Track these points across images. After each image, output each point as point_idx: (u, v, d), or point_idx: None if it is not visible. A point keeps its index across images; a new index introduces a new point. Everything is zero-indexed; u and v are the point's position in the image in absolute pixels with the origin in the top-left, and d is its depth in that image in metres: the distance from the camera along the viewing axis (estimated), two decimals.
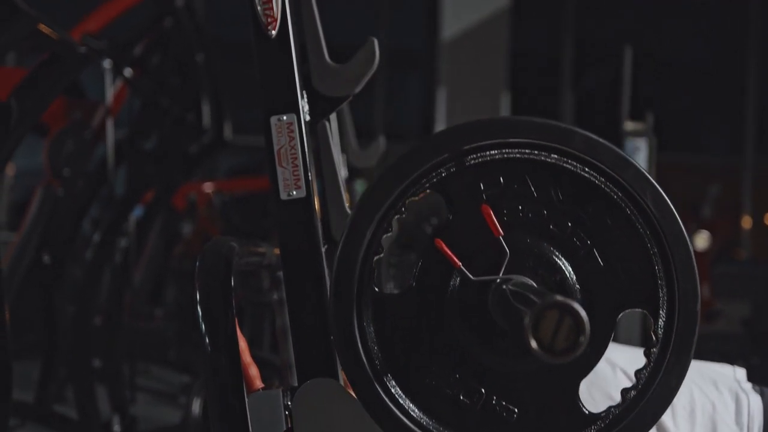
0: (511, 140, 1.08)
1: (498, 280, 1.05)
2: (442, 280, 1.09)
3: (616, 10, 10.27)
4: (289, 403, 1.20)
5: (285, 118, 1.19)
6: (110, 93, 3.61)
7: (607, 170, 1.08)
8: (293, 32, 1.19)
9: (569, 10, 9.82)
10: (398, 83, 10.33)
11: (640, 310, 1.09)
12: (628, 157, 1.08)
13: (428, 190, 1.09)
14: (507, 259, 1.06)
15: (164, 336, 5.20)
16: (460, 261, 1.07)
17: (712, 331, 6.60)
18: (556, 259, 1.08)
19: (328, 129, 1.28)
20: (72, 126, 3.42)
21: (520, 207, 1.09)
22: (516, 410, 1.09)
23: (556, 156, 1.09)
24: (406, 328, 1.11)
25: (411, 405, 1.10)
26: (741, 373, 1.71)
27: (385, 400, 1.10)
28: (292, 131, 1.19)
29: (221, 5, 8.81)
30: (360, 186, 2.56)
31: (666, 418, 1.58)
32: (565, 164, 1.09)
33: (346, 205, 1.24)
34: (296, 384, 1.20)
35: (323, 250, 1.21)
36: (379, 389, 1.10)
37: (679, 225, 1.08)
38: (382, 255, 1.11)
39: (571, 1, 9.82)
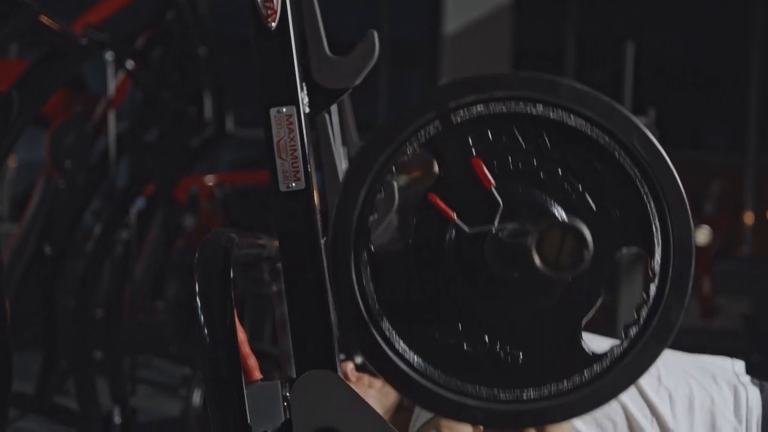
0: (497, 94, 1.10)
1: (493, 230, 1.08)
2: (439, 235, 1.11)
3: (619, 7, 10.25)
4: (288, 394, 1.21)
5: (285, 110, 1.19)
6: (112, 85, 3.61)
7: (594, 117, 1.10)
8: (293, 24, 1.20)
9: (572, 6, 9.80)
10: (400, 78, 10.32)
11: (636, 248, 1.11)
12: (613, 102, 1.10)
13: (417, 150, 1.11)
14: (500, 209, 1.08)
15: (165, 328, 5.21)
16: (455, 215, 1.09)
17: (713, 327, 6.61)
18: (549, 205, 1.10)
19: (328, 121, 1.29)
20: (73, 118, 3.42)
21: (509, 158, 1.11)
22: (520, 354, 1.11)
23: (542, 107, 1.11)
24: (406, 284, 1.12)
25: (418, 359, 1.12)
26: (740, 366, 1.72)
27: (391, 357, 1.12)
28: (292, 123, 1.19)
29: (222, 2, 8.81)
30: None
31: (665, 410, 1.59)
32: (551, 114, 1.11)
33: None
34: (295, 375, 1.21)
35: (322, 241, 1.21)
36: (384, 346, 1.12)
37: (668, 164, 1.10)
38: (376, 215, 1.12)
39: None
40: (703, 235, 3.97)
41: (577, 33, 9.86)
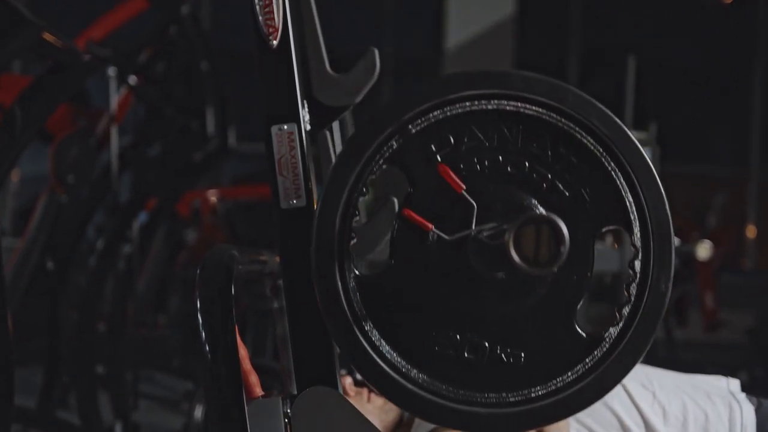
0: (449, 97, 1.10)
1: (472, 234, 1.07)
2: (419, 247, 1.11)
3: (622, 19, 10.27)
4: (289, 410, 1.21)
5: (286, 127, 1.20)
6: (115, 100, 3.61)
7: (549, 102, 1.10)
8: (294, 42, 1.20)
9: (574, 18, 9.82)
10: (404, 91, 10.33)
11: (614, 227, 1.11)
12: (565, 84, 1.11)
13: (384, 166, 1.11)
14: (475, 210, 1.08)
15: (168, 343, 5.20)
16: (432, 225, 1.09)
17: (717, 341, 6.59)
18: (522, 199, 1.10)
19: (329, 138, 1.29)
20: (76, 133, 3.42)
21: (475, 158, 1.11)
22: (522, 354, 1.11)
23: (496, 101, 1.11)
24: (396, 301, 1.12)
25: (422, 376, 1.12)
26: (735, 384, 1.72)
27: (390, 374, 1.11)
28: (293, 141, 1.19)
29: (226, 14, 8.83)
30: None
31: (658, 424, 1.59)
32: (507, 107, 1.11)
33: None
34: (296, 392, 1.21)
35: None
36: (382, 364, 1.11)
37: (630, 137, 1.10)
38: (354, 241, 1.12)
39: (576, 9, 9.82)
40: (705, 250, 3.96)
41: (579, 45, 9.88)
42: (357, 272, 1.12)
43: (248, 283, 3.12)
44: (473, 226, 1.08)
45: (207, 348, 1.17)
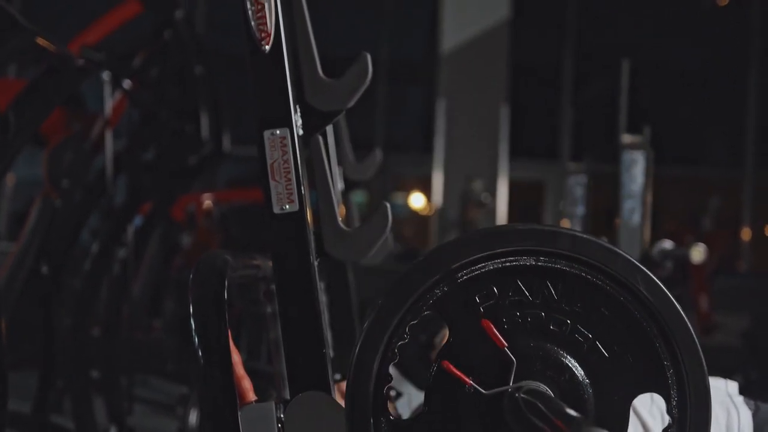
0: (499, 250, 1.10)
1: (510, 390, 1.06)
2: (455, 399, 1.10)
3: (616, 22, 10.29)
4: (282, 415, 1.21)
5: (278, 132, 1.20)
6: (109, 104, 3.61)
7: (596, 264, 1.09)
8: (287, 47, 1.20)
9: (569, 22, 9.84)
10: (398, 95, 10.35)
11: (651, 392, 1.10)
12: (614, 248, 1.10)
13: (427, 312, 1.10)
14: (514, 366, 1.07)
15: (162, 347, 5.20)
16: (469, 377, 1.08)
17: (711, 344, 6.60)
18: (562, 357, 1.09)
19: (321, 143, 1.29)
20: (71, 137, 3.42)
21: (517, 314, 1.10)
22: None
23: (544, 258, 1.10)
24: None
25: None
26: (733, 386, 1.72)
27: None
28: (285, 145, 1.19)
29: (221, 14, 8.83)
30: (356, 197, 2.56)
31: (656, 428, 1.59)
32: (555, 264, 1.10)
33: (339, 219, 1.24)
34: (289, 397, 1.21)
35: (315, 263, 1.22)
36: None
37: (674, 304, 1.08)
38: (392, 383, 1.11)
39: (571, 13, 9.84)
40: (699, 253, 3.97)
41: (574, 47, 9.89)
42: (392, 416, 1.11)
43: (242, 287, 3.11)
44: (511, 383, 1.07)
45: (200, 353, 1.17)
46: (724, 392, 1.70)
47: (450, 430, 1.10)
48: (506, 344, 1.08)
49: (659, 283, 1.09)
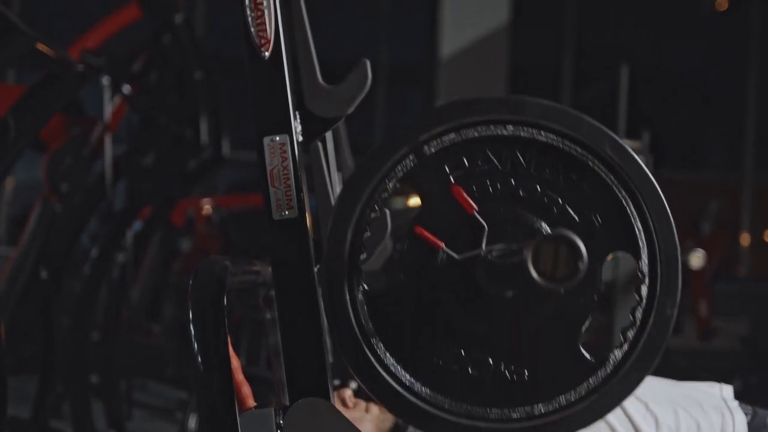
0: (466, 121, 1.13)
1: (482, 253, 1.09)
2: (428, 265, 1.13)
3: (616, 25, 10.31)
4: (281, 421, 1.21)
5: (278, 138, 1.20)
6: (109, 109, 3.62)
7: (564, 130, 1.12)
8: (286, 54, 1.20)
9: (568, 25, 9.85)
10: (398, 98, 10.35)
11: (622, 252, 1.13)
12: (580, 114, 1.13)
13: (398, 185, 1.14)
14: (486, 231, 1.10)
15: (161, 351, 5.20)
16: (443, 243, 1.11)
17: (711, 349, 6.59)
18: (532, 222, 1.13)
19: (320, 149, 1.29)
20: (70, 142, 3.43)
21: (488, 181, 1.13)
22: (526, 372, 1.12)
23: (512, 127, 1.13)
24: (403, 317, 1.13)
25: (425, 389, 1.12)
26: (728, 391, 1.73)
27: (394, 387, 1.12)
28: (285, 152, 1.19)
29: (220, 18, 8.84)
30: None
31: None
32: (522, 133, 1.13)
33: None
34: (288, 403, 1.21)
35: (315, 270, 1.22)
36: (387, 377, 1.12)
37: (641, 166, 1.12)
38: (365, 255, 1.14)
39: (570, 16, 9.85)
40: (698, 259, 3.97)
41: (573, 50, 9.90)
42: (366, 287, 1.13)
43: (241, 293, 3.12)
44: (483, 246, 1.09)
45: (199, 360, 1.17)
46: (719, 397, 1.71)
47: (424, 296, 1.13)
48: (476, 208, 1.10)
49: (626, 146, 1.12)
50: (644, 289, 1.12)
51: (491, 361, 1.12)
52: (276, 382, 1.58)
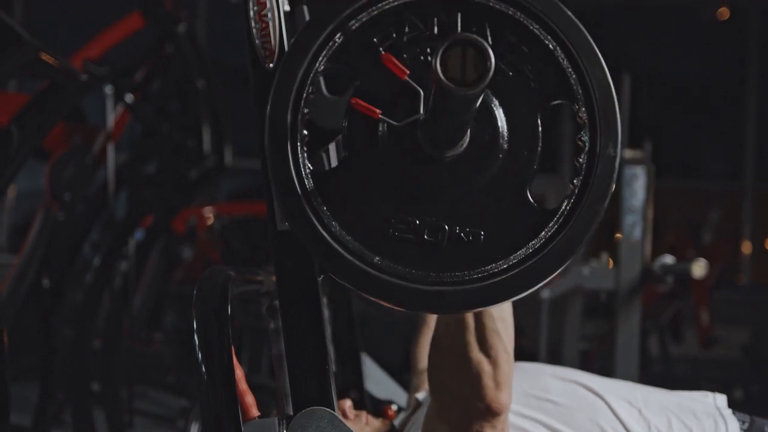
0: None
1: (421, 117, 1.10)
2: (371, 136, 1.13)
3: (616, 37, 10.32)
4: (285, 431, 1.21)
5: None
6: (111, 118, 3.63)
7: None
8: None
9: None
10: None
11: (559, 101, 1.14)
12: None
13: (329, 65, 1.14)
14: (422, 96, 1.11)
15: (163, 360, 5.19)
16: (379, 111, 1.11)
17: (712, 357, 6.59)
18: None
19: (325, 159, 1.30)
20: (73, 150, 3.43)
21: (418, 48, 1.14)
22: (481, 232, 1.13)
23: None
24: (352, 193, 1.14)
25: (381, 260, 1.12)
26: (721, 400, 1.73)
27: (353, 261, 1.12)
28: None
29: (223, 27, 8.85)
30: None
31: None
32: None
33: None
34: (291, 412, 1.21)
35: (319, 280, 1.22)
36: (344, 253, 1.12)
37: (570, 17, 1.13)
38: (306, 134, 1.14)
39: None
40: (700, 268, 3.97)
41: None
42: (311, 167, 1.14)
43: (245, 302, 3.12)
44: (421, 111, 1.10)
45: (204, 370, 1.18)
46: (712, 405, 1.71)
47: (369, 168, 1.13)
48: (408, 72, 1.09)
49: None
50: (585, 136, 1.12)
51: (445, 226, 1.12)
52: (278, 391, 1.58)
